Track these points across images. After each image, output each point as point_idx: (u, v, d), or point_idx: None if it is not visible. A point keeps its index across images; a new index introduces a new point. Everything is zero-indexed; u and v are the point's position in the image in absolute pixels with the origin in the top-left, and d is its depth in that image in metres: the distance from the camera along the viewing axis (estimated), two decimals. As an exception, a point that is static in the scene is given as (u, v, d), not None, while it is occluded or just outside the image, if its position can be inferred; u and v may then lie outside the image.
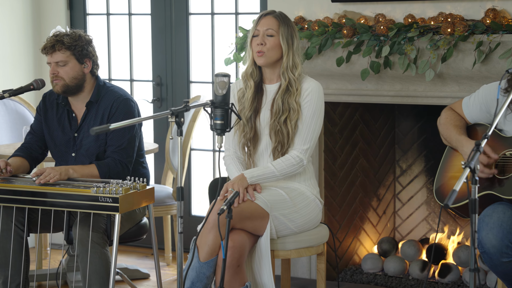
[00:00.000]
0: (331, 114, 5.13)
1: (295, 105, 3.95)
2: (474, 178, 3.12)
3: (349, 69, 4.81)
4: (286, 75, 3.99)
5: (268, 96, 4.05)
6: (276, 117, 3.97)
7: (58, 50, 4.28)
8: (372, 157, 5.41)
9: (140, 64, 6.18)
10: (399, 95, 4.80)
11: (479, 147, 3.15)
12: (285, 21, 4.02)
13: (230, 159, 4.09)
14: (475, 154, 3.13)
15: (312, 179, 4.07)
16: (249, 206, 3.80)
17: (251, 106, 4.04)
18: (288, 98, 3.97)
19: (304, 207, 3.97)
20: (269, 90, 4.06)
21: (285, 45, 3.97)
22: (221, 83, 3.61)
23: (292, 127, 3.95)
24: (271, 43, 3.98)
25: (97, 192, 3.95)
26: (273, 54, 3.98)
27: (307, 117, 3.96)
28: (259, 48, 3.98)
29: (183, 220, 3.36)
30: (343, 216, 5.27)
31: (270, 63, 4.00)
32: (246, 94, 4.06)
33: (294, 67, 3.99)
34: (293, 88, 3.97)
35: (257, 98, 4.06)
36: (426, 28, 4.57)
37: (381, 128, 5.45)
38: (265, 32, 3.99)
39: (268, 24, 4.01)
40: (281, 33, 3.98)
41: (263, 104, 4.05)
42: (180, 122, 3.36)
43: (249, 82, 4.07)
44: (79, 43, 4.33)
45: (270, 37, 3.99)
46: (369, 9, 4.86)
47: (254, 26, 4.04)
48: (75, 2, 6.24)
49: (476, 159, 3.11)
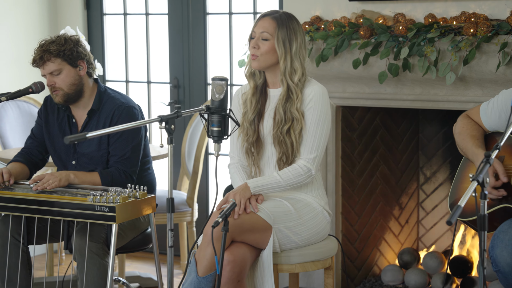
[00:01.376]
0: (349, 118, 4.89)
1: (297, 114, 3.72)
2: (483, 193, 2.88)
3: (367, 72, 4.57)
4: (284, 81, 3.76)
5: (272, 102, 3.83)
6: (279, 127, 3.75)
7: (47, 60, 4.08)
8: (393, 163, 5.16)
9: (157, 66, 6.01)
10: (419, 99, 4.55)
11: (489, 158, 2.91)
12: (284, 23, 3.77)
13: (235, 167, 3.89)
14: (484, 167, 2.89)
15: (319, 189, 3.84)
16: (250, 218, 3.58)
17: (255, 108, 3.82)
18: (290, 107, 3.74)
19: (310, 219, 3.74)
20: (272, 95, 3.84)
21: (281, 49, 3.73)
22: (218, 87, 3.41)
23: (296, 137, 3.73)
24: (265, 47, 3.75)
25: (93, 201, 3.76)
26: (267, 59, 3.76)
27: (311, 125, 3.73)
28: (253, 52, 3.76)
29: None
30: (362, 226, 5.03)
31: (264, 67, 3.78)
32: (247, 94, 3.86)
33: (293, 73, 3.76)
34: (293, 96, 3.75)
35: (261, 101, 3.85)
36: (447, 28, 4.31)
37: (404, 133, 5.20)
38: (260, 35, 3.77)
39: (264, 26, 3.77)
40: (277, 36, 3.74)
41: (267, 109, 3.83)
42: (171, 129, 3.16)
43: (249, 83, 3.86)
44: (67, 47, 4.10)
45: (265, 41, 3.75)
46: (389, 8, 4.62)
47: (252, 27, 3.82)
48: (92, 2, 6.09)
49: (485, 171, 2.87)
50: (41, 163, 4.32)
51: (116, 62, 6.15)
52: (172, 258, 3.15)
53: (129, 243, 4.24)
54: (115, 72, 6.17)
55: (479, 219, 2.88)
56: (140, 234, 4.30)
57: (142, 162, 4.28)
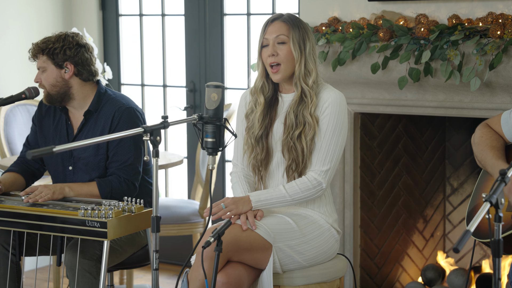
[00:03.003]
0: (368, 126, 4.59)
1: (310, 119, 3.42)
2: (498, 215, 2.57)
3: (386, 77, 4.27)
4: (298, 85, 3.47)
5: (285, 106, 3.54)
6: (289, 132, 3.45)
7: (37, 54, 3.89)
8: (418, 174, 4.84)
9: (174, 69, 5.76)
10: (442, 106, 4.23)
11: (504, 177, 2.59)
12: (295, 23, 3.48)
13: (237, 176, 3.60)
14: (499, 186, 2.57)
15: (328, 205, 3.54)
16: (247, 236, 3.29)
17: (262, 124, 3.53)
18: (303, 110, 3.44)
19: (315, 238, 3.44)
20: (286, 99, 3.55)
21: (297, 52, 3.44)
22: (213, 95, 3.14)
23: (308, 143, 3.43)
24: (284, 51, 3.45)
25: (84, 215, 3.51)
26: (289, 66, 3.45)
27: (326, 134, 3.43)
28: (273, 60, 3.45)
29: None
30: (383, 240, 4.72)
31: (287, 77, 3.49)
32: (256, 111, 3.56)
33: (307, 75, 3.46)
34: (307, 99, 3.45)
35: (270, 113, 3.55)
36: (472, 30, 3.99)
37: (429, 141, 4.87)
38: (276, 40, 3.47)
39: (277, 30, 3.47)
40: (292, 38, 3.45)
41: (278, 115, 3.54)
42: (156, 141, 2.88)
43: (259, 98, 3.55)
44: (56, 45, 3.86)
45: (282, 45, 3.45)
46: (411, 8, 4.30)
47: (262, 34, 3.51)
48: (108, 3, 5.86)
49: (500, 191, 2.56)
50: (37, 172, 4.09)
51: (132, 65, 5.92)
52: (157, 282, 2.88)
53: (129, 259, 3.98)
54: (130, 75, 5.94)
55: (493, 244, 2.57)
56: (141, 249, 4.04)
57: (144, 171, 4.03)
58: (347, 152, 4.52)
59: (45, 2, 5.74)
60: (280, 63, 3.43)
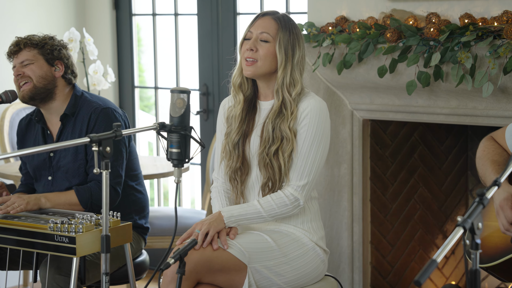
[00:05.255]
0: (380, 134, 4.25)
1: (289, 133, 3.11)
2: (474, 242, 2.24)
3: (396, 81, 3.93)
4: (280, 93, 3.15)
5: (261, 116, 3.23)
6: (265, 146, 3.14)
7: (24, 48, 3.69)
8: (436, 186, 4.48)
9: (187, 71, 5.50)
10: (455, 114, 3.88)
11: (482, 198, 2.26)
12: (287, 25, 3.17)
13: (217, 191, 3.32)
14: (475, 208, 2.24)
15: (314, 222, 3.22)
16: (219, 256, 2.99)
17: (240, 128, 3.23)
18: (281, 123, 3.12)
19: (297, 258, 3.13)
20: (264, 108, 3.24)
21: (281, 55, 3.13)
22: (178, 101, 2.86)
23: (285, 160, 3.11)
24: (264, 50, 3.15)
25: (53, 230, 3.25)
26: (265, 65, 3.15)
27: (304, 146, 3.11)
28: (249, 54, 3.15)
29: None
30: (397, 257, 4.38)
31: (260, 74, 3.17)
32: (234, 111, 3.26)
33: (292, 84, 3.14)
34: (287, 111, 3.13)
35: (248, 119, 3.25)
36: (485, 30, 3.63)
37: (449, 151, 4.51)
38: (259, 36, 3.16)
39: (264, 26, 3.17)
40: (279, 39, 3.14)
41: (255, 126, 3.24)
42: (105, 152, 2.60)
43: (238, 96, 3.25)
44: (49, 43, 3.72)
45: (265, 43, 3.15)
46: (422, 7, 3.95)
47: (248, 27, 3.22)
48: (121, 2, 5.63)
49: (477, 214, 2.23)
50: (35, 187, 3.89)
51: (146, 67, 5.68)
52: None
53: (114, 275, 3.73)
54: (143, 77, 5.70)
55: (469, 275, 2.25)
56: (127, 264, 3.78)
57: (128, 176, 3.78)
58: (355, 162, 4.20)
59: (56, 2, 5.53)
60: (256, 60, 3.13)
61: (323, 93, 4.25)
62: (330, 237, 4.30)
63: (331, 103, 4.24)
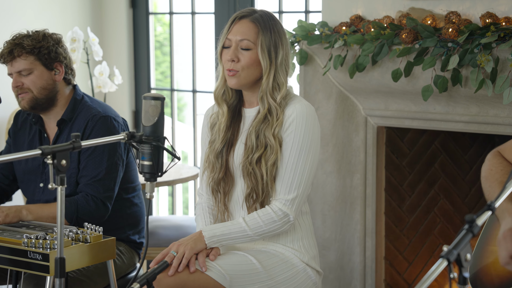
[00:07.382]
0: (396, 142, 3.95)
1: (273, 141, 2.83)
2: (462, 275, 1.96)
3: (411, 85, 3.63)
4: (265, 100, 2.87)
5: (246, 124, 2.97)
6: (249, 155, 2.88)
7: (18, 56, 3.39)
8: (459, 198, 4.16)
9: (204, 72, 5.26)
10: (475, 122, 3.57)
11: (472, 226, 1.97)
12: (267, 25, 2.87)
13: (201, 208, 3.04)
14: (463, 238, 1.97)
15: (306, 239, 2.93)
16: (196, 280, 2.72)
17: (224, 137, 2.97)
18: (265, 129, 2.85)
19: (285, 281, 2.85)
20: (248, 115, 2.97)
21: (265, 60, 2.84)
22: (151, 108, 2.61)
23: (268, 169, 2.83)
24: (246, 59, 2.85)
25: (27, 245, 2.99)
26: (250, 74, 2.87)
27: (291, 156, 2.84)
28: (231, 66, 2.86)
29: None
30: (414, 274, 4.07)
31: (245, 85, 2.90)
32: (219, 122, 2.99)
33: (276, 89, 2.86)
34: (272, 118, 2.85)
35: (233, 127, 2.98)
36: (507, 31, 3.31)
37: (473, 161, 4.19)
38: (239, 44, 2.86)
39: (243, 32, 2.87)
40: (261, 43, 2.85)
41: (240, 134, 2.98)
42: (61, 166, 2.34)
43: (222, 106, 2.98)
44: (44, 44, 3.41)
45: (246, 51, 2.86)
46: (442, 5, 3.65)
47: (225, 33, 2.91)
48: (138, 0, 5.41)
49: (465, 244, 1.95)
50: (9, 189, 3.66)
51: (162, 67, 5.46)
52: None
53: (105, 291, 3.49)
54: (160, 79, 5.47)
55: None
56: (119, 279, 3.55)
57: (124, 189, 3.54)
58: (368, 172, 3.91)
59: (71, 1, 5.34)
60: (239, 71, 2.86)
61: (335, 98, 3.97)
62: (341, 252, 4.02)
63: (344, 108, 3.95)
